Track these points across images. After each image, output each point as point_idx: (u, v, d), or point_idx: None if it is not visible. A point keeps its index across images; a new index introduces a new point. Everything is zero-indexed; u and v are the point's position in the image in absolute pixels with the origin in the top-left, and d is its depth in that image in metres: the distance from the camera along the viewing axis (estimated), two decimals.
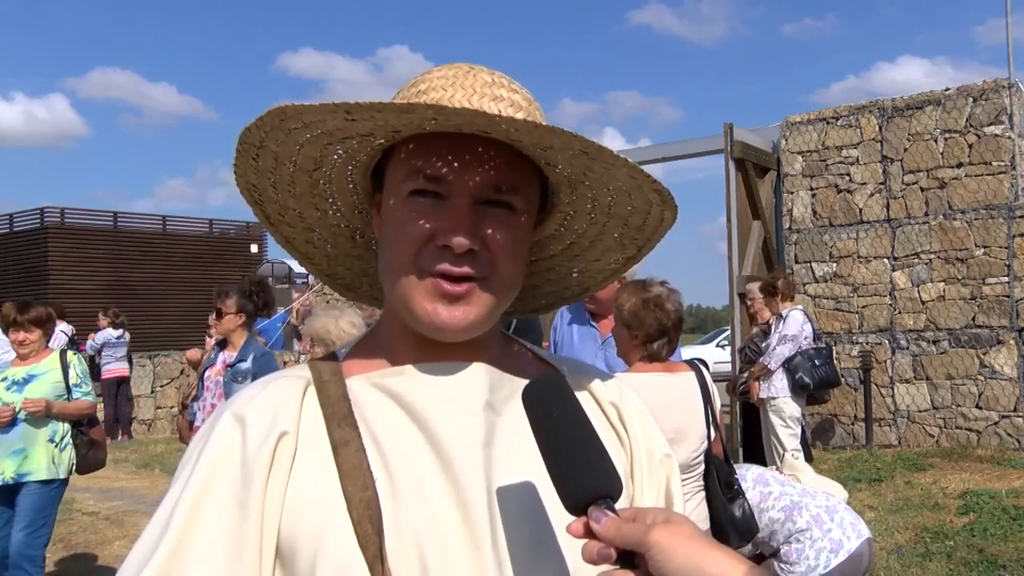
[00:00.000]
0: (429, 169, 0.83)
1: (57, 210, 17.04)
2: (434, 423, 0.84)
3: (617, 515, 0.68)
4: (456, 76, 0.86)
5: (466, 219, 0.82)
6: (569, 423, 0.74)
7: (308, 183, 0.90)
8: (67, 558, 5.68)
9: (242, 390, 0.90)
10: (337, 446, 0.82)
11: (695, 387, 2.72)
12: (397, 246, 0.84)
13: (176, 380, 12.06)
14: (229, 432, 0.83)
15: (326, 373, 0.89)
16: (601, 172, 0.87)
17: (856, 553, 3.00)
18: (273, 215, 0.94)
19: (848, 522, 3.07)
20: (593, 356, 3.34)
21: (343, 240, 0.98)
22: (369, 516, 0.78)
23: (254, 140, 0.84)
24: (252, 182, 0.90)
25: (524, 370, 0.93)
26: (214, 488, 0.80)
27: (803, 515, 3.03)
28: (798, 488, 3.13)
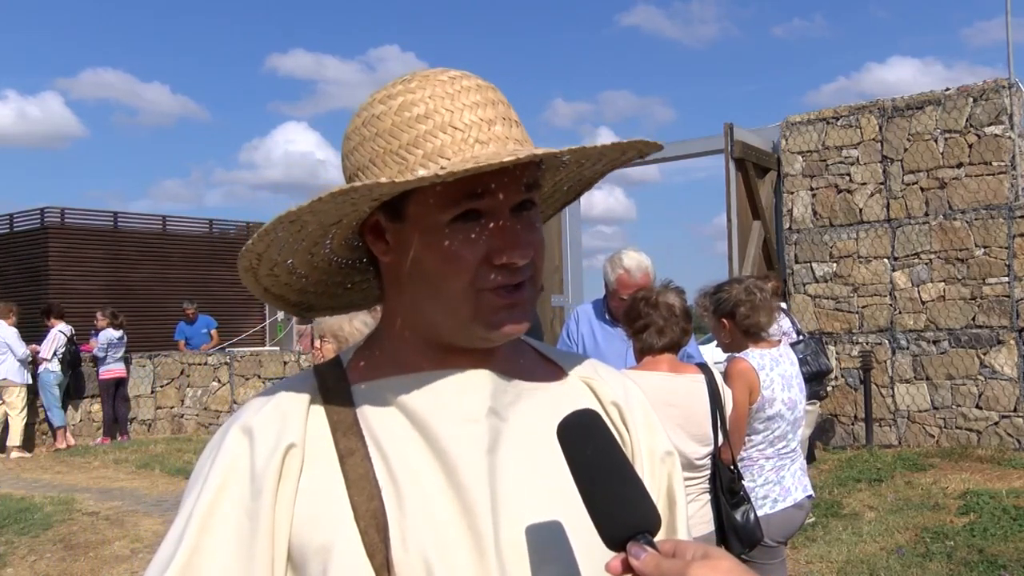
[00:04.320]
0: (472, 190, 0.82)
1: (57, 210, 17.04)
2: (438, 431, 0.84)
3: (656, 549, 0.69)
4: (446, 91, 0.84)
5: (516, 233, 0.84)
6: (604, 459, 0.75)
7: (319, 235, 0.89)
8: (67, 558, 5.68)
9: (249, 400, 0.91)
10: (343, 455, 0.83)
11: (701, 390, 2.72)
12: (448, 275, 0.84)
13: (176, 380, 12.05)
14: (237, 445, 0.84)
15: (331, 380, 0.89)
16: (594, 155, 0.90)
17: (797, 504, 3.07)
18: (262, 273, 0.92)
19: (799, 477, 3.12)
20: (621, 356, 3.33)
21: (318, 271, 0.97)
22: (376, 525, 0.79)
23: (292, 218, 0.81)
24: (259, 251, 0.87)
25: (529, 371, 0.94)
26: (225, 501, 0.81)
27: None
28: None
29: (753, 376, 2.97)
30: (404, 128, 0.83)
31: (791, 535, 3.19)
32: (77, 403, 11.29)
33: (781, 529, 2.97)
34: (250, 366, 12.37)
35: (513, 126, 0.86)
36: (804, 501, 3.11)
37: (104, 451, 10.18)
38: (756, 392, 2.97)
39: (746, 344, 3.11)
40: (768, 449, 3.04)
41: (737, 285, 3.20)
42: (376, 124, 0.84)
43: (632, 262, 3.46)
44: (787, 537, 3.13)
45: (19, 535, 6.19)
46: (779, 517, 2.96)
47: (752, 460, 3.01)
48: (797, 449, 3.17)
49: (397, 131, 0.83)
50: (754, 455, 3.02)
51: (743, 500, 2.77)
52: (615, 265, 3.50)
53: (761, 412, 2.99)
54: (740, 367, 2.98)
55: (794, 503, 3.05)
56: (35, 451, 10.34)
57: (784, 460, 3.08)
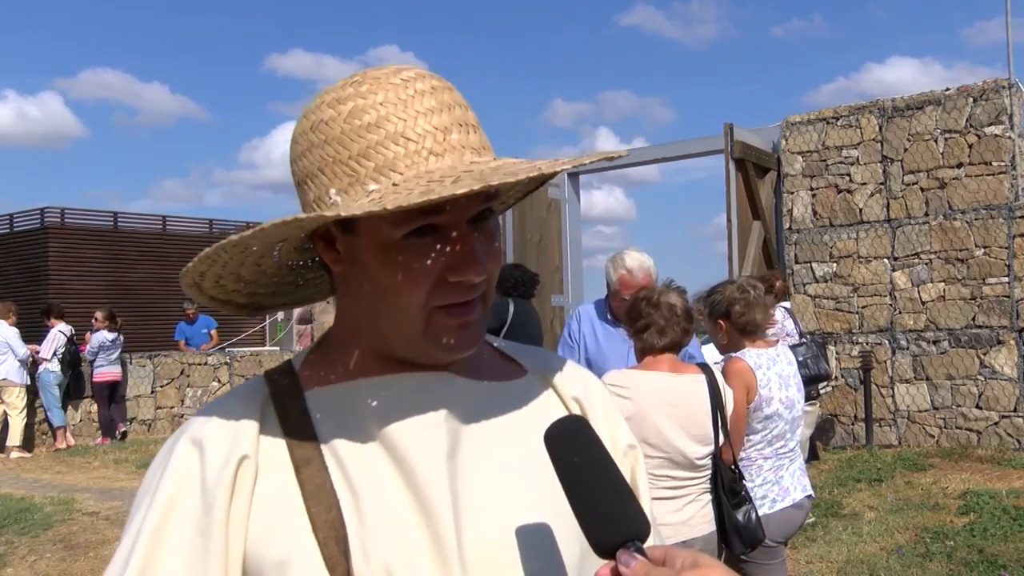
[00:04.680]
0: (423, 211, 0.78)
1: (57, 210, 17.04)
2: (396, 436, 0.82)
3: (646, 556, 0.68)
4: (399, 96, 0.80)
5: (473, 250, 0.81)
6: (592, 466, 0.74)
7: (264, 251, 0.86)
8: (67, 558, 5.68)
9: (200, 410, 0.88)
10: (299, 465, 0.80)
11: (702, 389, 2.72)
12: (401, 292, 0.81)
13: (176, 380, 12.05)
14: (187, 458, 0.81)
15: (283, 387, 0.86)
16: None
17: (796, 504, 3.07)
18: (207, 287, 0.89)
19: (797, 477, 3.12)
20: (623, 356, 3.33)
21: (266, 276, 0.93)
22: (335, 537, 0.77)
23: (236, 247, 0.80)
24: (201, 270, 0.84)
25: (488, 370, 0.92)
26: (174, 517, 0.78)
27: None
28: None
29: (750, 375, 2.97)
30: (354, 137, 0.79)
31: (790, 535, 3.19)
32: (77, 403, 11.28)
33: (780, 529, 2.97)
34: (250, 366, 12.37)
35: (471, 132, 0.82)
36: (803, 501, 3.11)
37: (104, 451, 10.18)
38: (753, 391, 2.97)
39: (743, 344, 3.11)
40: (766, 449, 3.04)
41: (730, 285, 3.20)
42: (325, 130, 0.80)
43: (634, 262, 3.46)
44: (786, 537, 3.12)
45: (19, 535, 6.19)
46: (778, 517, 2.96)
47: (750, 460, 3.01)
48: (796, 449, 3.17)
49: (347, 140, 0.79)
50: (752, 455, 3.02)
51: (745, 500, 2.77)
52: (617, 265, 3.51)
53: (759, 412, 2.99)
54: (737, 367, 2.98)
55: (793, 503, 3.05)
56: (35, 451, 10.34)
57: (783, 460, 3.08)
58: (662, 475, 2.64)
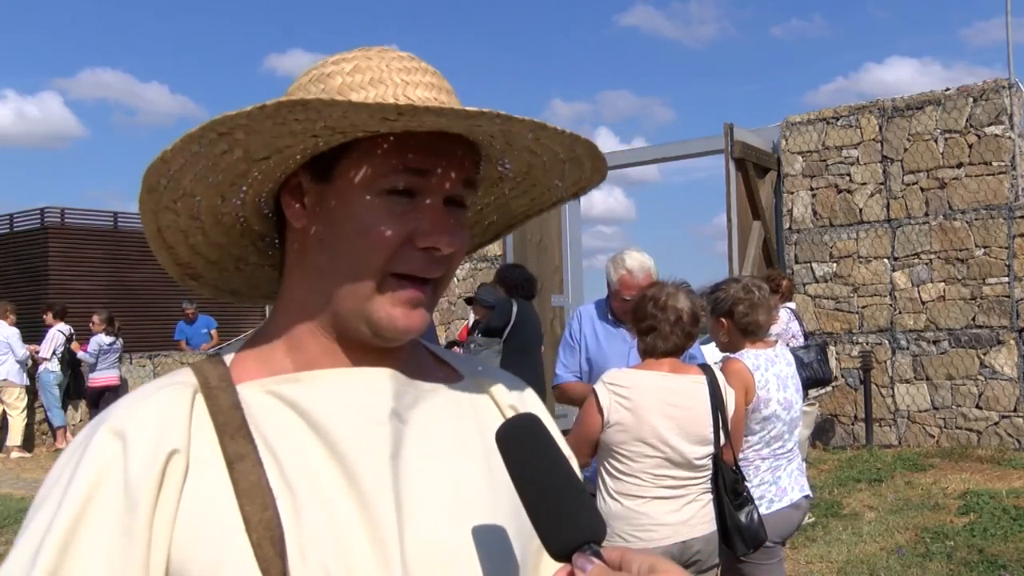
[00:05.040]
0: (412, 167, 0.78)
1: (57, 210, 17.04)
2: (337, 434, 0.78)
3: (603, 560, 0.66)
4: (402, 67, 0.81)
5: (448, 220, 0.80)
6: (546, 467, 0.72)
7: (240, 171, 0.81)
8: None
9: (120, 400, 0.81)
10: (232, 461, 0.75)
11: (702, 390, 2.71)
12: (365, 246, 0.79)
13: None
14: (108, 450, 0.74)
15: (213, 378, 0.81)
16: (545, 157, 0.87)
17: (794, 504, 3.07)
18: (165, 202, 0.81)
19: (795, 477, 3.12)
20: (623, 356, 3.33)
21: (219, 229, 0.88)
22: (270, 537, 0.73)
23: (226, 124, 0.73)
24: (173, 167, 0.77)
25: (427, 372, 0.90)
26: (92, 515, 0.71)
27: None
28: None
29: (748, 376, 2.97)
30: (354, 88, 0.79)
31: (788, 535, 3.19)
32: (77, 403, 11.27)
33: (778, 529, 2.97)
34: None
35: (451, 96, 0.84)
36: (801, 501, 3.11)
37: None
38: (751, 392, 2.97)
39: (743, 344, 3.10)
40: (764, 449, 3.04)
41: (735, 284, 3.19)
42: (326, 81, 0.80)
43: (634, 263, 3.46)
44: (784, 537, 3.12)
45: None
46: (775, 517, 2.95)
47: (748, 460, 3.01)
48: (795, 449, 3.17)
49: (346, 89, 0.79)
50: (750, 455, 3.02)
51: (747, 501, 2.77)
52: (617, 265, 3.51)
53: (757, 413, 2.98)
54: (735, 367, 2.98)
55: (791, 503, 3.05)
56: (35, 451, 10.34)
57: (780, 460, 3.08)
58: (661, 475, 2.64)
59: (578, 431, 2.75)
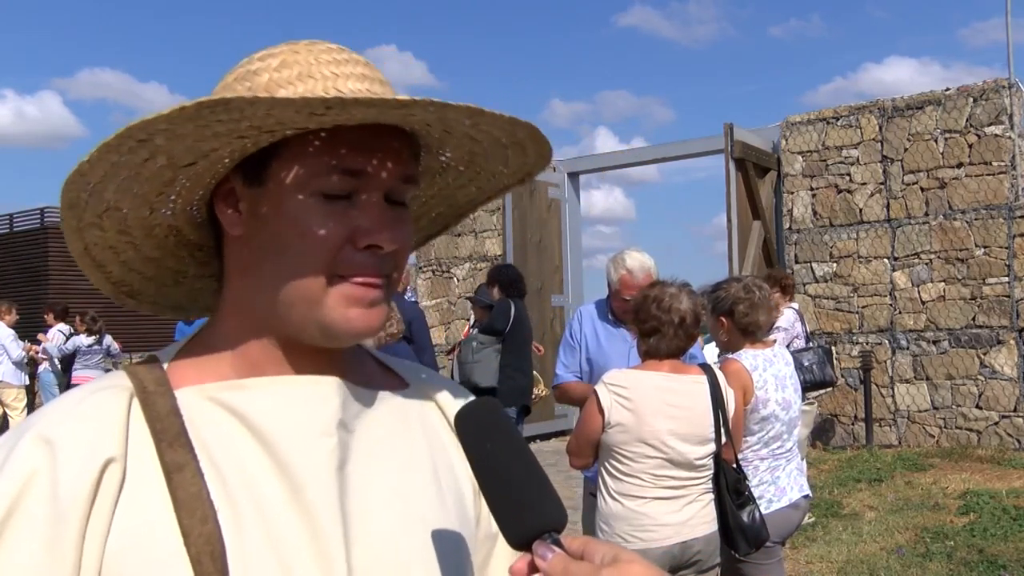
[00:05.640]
0: (347, 165, 0.74)
1: (57, 210, 17.04)
2: (282, 445, 0.74)
3: (564, 548, 0.64)
4: (331, 59, 0.77)
5: (388, 217, 0.77)
6: (506, 454, 0.70)
7: (165, 180, 0.76)
8: None
9: (48, 404, 0.76)
10: (171, 471, 0.71)
11: (703, 390, 2.71)
12: (305, 250, 0.75)
13: None
14: (34, 458, 0.68)
15: (150, 383, 0.76)
16: (485, 144, 0.83)
17: (793, 504, 3.07)
18: (88, 219, 0.77)
19: (794, 477, 3.12)
20: (624, 356, 3.33)
21: (151, 242, 0.83)
22: (210, 552, 0.69)
23: (145, 131, 0.68)
24: (91, 180, 0.72)
25: (373, 380, 0.86)
26: (15, 526, 0.66)
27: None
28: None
29: (746, 377, 2.97)
30: (283, 84, 0.75)
31: (788, 535, 3.19)
32: None
33: (777, 529, 2.97)
34: None
35: (383, 85, 0.80)
36: (800, 501, 3.11)
37: None
38: (750, 393, 2.97)
39: (743, 343, 3.10)
40: (763, 450, 3.04)
41: (736, 283, 3.19)
42: (252, 79, 0.76)
43: (635, 263, 3.46)
44: (783, 537, 3.12)
45: None
46: (774, 517, 2.95)
47: (747, 461, 3.01)
48: (794, 449, 3.17)
49: (274, 86, 0.75)
50: (748, 456, 3.02)
51: (748, 500, 2.77)
52: (618, 266, 3.51)
53: (755, 413, 2.98)
54: (733, 368, 2.98)
55: (790, 503, 3.05)
56: None
57: (779, 460, 3.08)
58: (661, 475, 2.64)
59: (579, 432, 2.75)
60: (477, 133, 0.80)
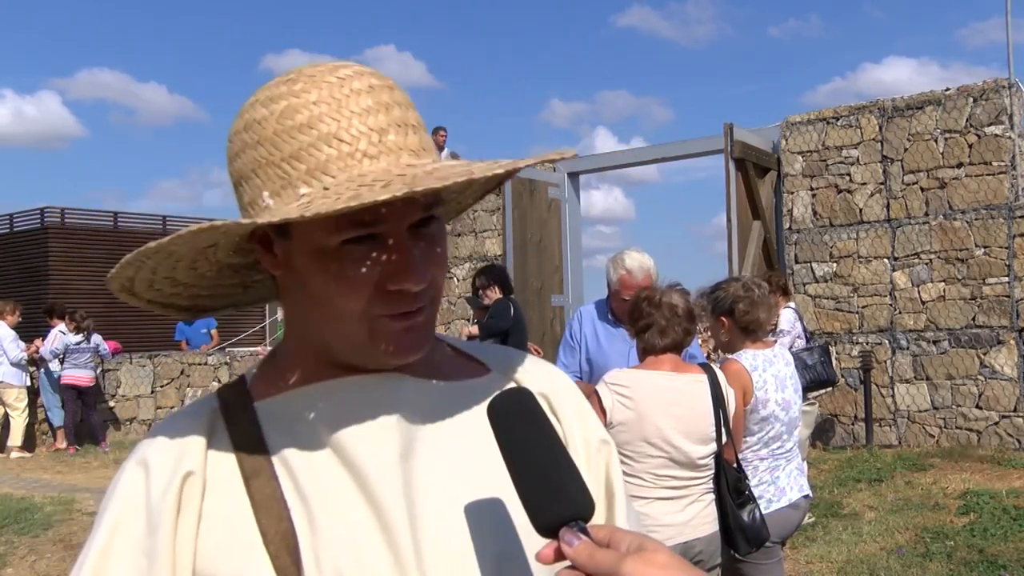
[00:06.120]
0: (360, 217, 0.75)
1: (57, 210, 17.04)
2: (346, 441, 0.79)
3: (590, 536, 0.66)
4: (333, 96, 0.77)
5: (413, 257, 0.78)
6: (536, 441, 0.72)
7: (195, 256, 0.83)
8: (67, 558, 5.69)
9: (149, 431, 0.87)
10: (248, 477, 0.79)
11: (704, 389, 2.72)
12: (340, 298, 0.78)
13: (176, 380, 12.05)
14: (133, 480, 0.80)
15: (233, 399, 0.85)
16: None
17: (793, 504, 3.06)
18: (140, 290, 0.86)
19: (794, 477, 3.12)
20: (624, 356, 3.33)
21: (207, 279, 0.90)
22: (287, 548, 0.75)
23: (156, 252, 0.77)
24: (128, 276, 0.81)
25: (446, 369, 0.90)
26: (118, 541, 0.77)
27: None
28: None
29: (746, 377, 2.97)
30: (286, 138, 0.76)
31: (787, 535, 3.19)
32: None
33: (776, 529, 2.97)
34: (250, 366, 12.34)
35: (409, 133, 0.79)
36: (800, 501, 3.11)
37: (104, 451, 10.17)
38: (750, 393, 2.97)
39: (744, 343, 3.11)
40: (763, 450, 3.04)
41: (735, 283, 3.20)
42: (257, 130, 0.78)
43: (634, 263, 3.46)
44: (783, 537, 3.12)
45: (19, 535, 6.19)
46: (774, 517, 2.95)
47: (747, 461, 3.01)
48: (794, 449, 3.17)
49: (279, 140, 0.76)
50: (748, 456, 3.02)
51: (749, 499, 2.77)
52: (617, 266, 3.51)
53: (755, 413, 2.99)
54: (732, 368, 2.98)
55: (789, 503, 3.05)
56: (35, 451, 10.33)
57: (779, 460, 3.08)
58: (664, 475, 2.64)
59: None
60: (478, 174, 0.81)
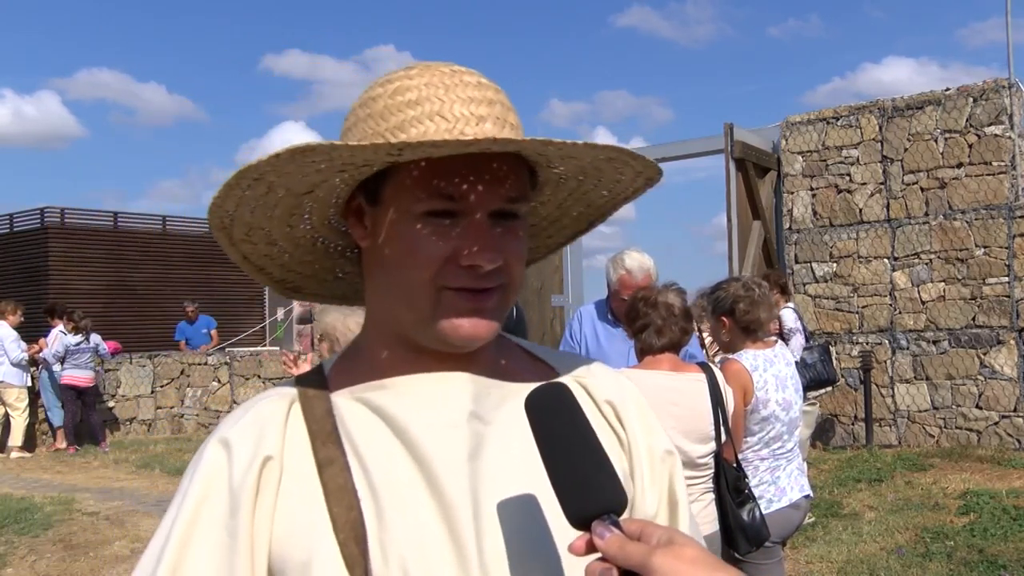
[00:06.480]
0: (448, 189, 0.80)
1: (57, 210, 17.05)
2: (418, 437, 0.82)
3: (621, 530, 0.67)
4: (443, 82, 0.83)
5: (489, 237, 0.81)
6: (571, 435, 0.73)
7: (292, 204, 0.87)
8: (67, 558, 5.69)
9: (231, 412, 0.90)
10: (322, 466, 0.82)
11: (703, 389, 2.72)
12: (412, 265, 0.82)
13: (176, 380, 12.05)
14: (216, 458, 0.83)
15: (311, 389, 0.88)
16: (585, 161, 0.86)
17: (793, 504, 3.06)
18: (237, 236, 0.90)
19: (795, 477, 3.12)
20: (623, 356, 3.34)
21: (302, 249, 0.95)
22: (355, 537, 0.78)
23: (255, 173, 0.79)
24: (228, 209, 0.84)
25: (516, 372, 0.92)
26: (204, 517, 0.80)
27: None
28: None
29: (746, 377, 2.97)
30: (394, 111, 0.82)
31: (788, 535, 3.19)
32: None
33: (777, 529, 2.97)
34: (250, 366, 12.37)
35: (506, 127, 0.83)
36: (801, 501, 3.10)
37: (104, 451, 10.17)
38: (750, 393, 2.97)
39: (745, 343, 3.11)
40: (763, 450, 3.04)
41: (735, 283, 3.20)
42: (371, 105, 0.84)
43: (634, 263, 3.46)
44: (783, 537, 3.12)
45: (19, 535, 6.19)
46: (774, 517, 2.95)
47: (747, 461, 3.01)
48: (795, 449, 3.17)
49: (387, 113, 0.82)
50: (748, 456, 3.02)
51: (748, 499, 2.77)
52: (617, 265, 3.51)
53: (755, 413, 2.98)
54: (733, 368, 2.98)
55: (790, 503, 3.05)
56: (35, 451, 10.33)
57: (779, 460, 3.08)
58: None
59: None
60: (571, 152, 0.83)
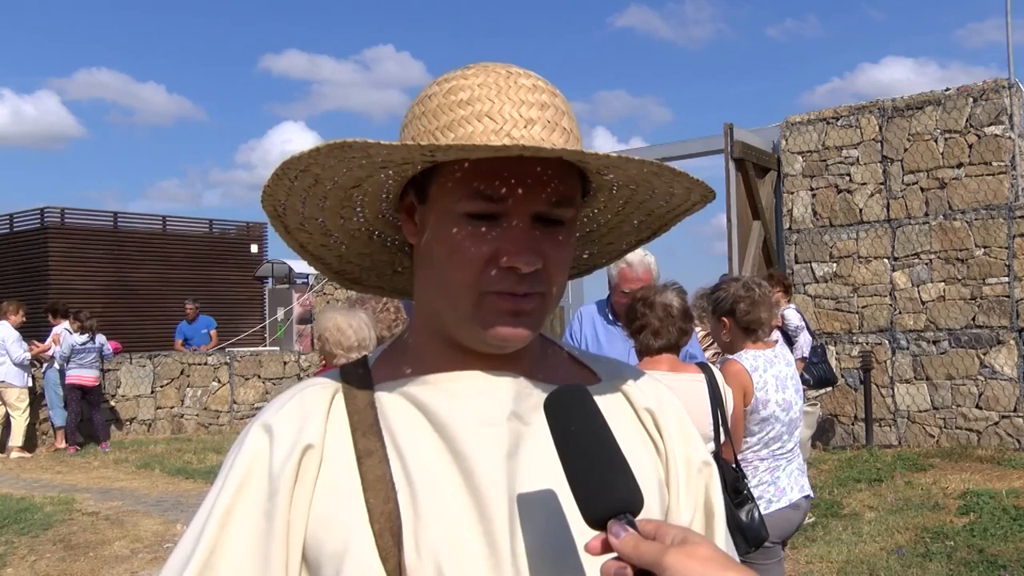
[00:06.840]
0: (489, 191, 0.80)
1: (57, 210, 17.06)
2: (457, 434, 0.83)
3: (637, 530, 0.67)
4: (498, 84, 0.83)
5: (529, 240, 0.81)
6: (588, 436, 0.74)
7: (342, 197, 0.88)
8: (67, 558, 5.69)
9: (274, 398, 0.90)
10: (361, 456, 0.83)
11: (702, 389, 2.72)
12: (453, 267, 0.83)
13: (176, 380, 12.05)
14: (258, 442, 0.84)
15: (355, 380, 0.89)
16: (632, 172, 0.86)
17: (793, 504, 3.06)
18: (292, 225, 0.91)
19: (795, 477, 3.12)
20: (623, 356, 3.34)
21: (358, 242, 0.96)
22: (390, 528, 0.78)
23: (299, 165, 0.81)
24: (280, 199, 0.87)
25: (558, 375, 0.92)
26: (243, 500, 0.82)
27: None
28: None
29: (746, 378, 2.97)
30: (446, 110, 0.83)
31: (788, 535, 3.19)
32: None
33: (777, 529, 2.97)
34: (250, 366, 12.37)
35: (555, 132, 0.83)
36: (801, 501, 3.10)
37: (104, 451, 10.17)
38: (750, 394, 2.96)
39: (745, 343, 3.10)
40: (763, 450, 3.04)
41: (735, 283, 3.19)
42: (425, 103, 0.85)
43: (635, 256, 3.46)
44: (783, 537, 3.12)
45: (19, 535, 6.19)
46: (774, 517, 2.95)
47: (747, 461, 3.01)
48: (795, 450, 3.16)
49: (439, 111, 0.83)
50: (748, 456, 3.02)
51: (747, 499, 2.77)
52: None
53: (755, 414, 2.98)
54: (733, 369, 2.98)
55: (790, 503, 3.04)
56: (36, 451, 10.32)
57: (779, 460, 3.08)
58: None
59: None
60: (611, 163, 0.82)
